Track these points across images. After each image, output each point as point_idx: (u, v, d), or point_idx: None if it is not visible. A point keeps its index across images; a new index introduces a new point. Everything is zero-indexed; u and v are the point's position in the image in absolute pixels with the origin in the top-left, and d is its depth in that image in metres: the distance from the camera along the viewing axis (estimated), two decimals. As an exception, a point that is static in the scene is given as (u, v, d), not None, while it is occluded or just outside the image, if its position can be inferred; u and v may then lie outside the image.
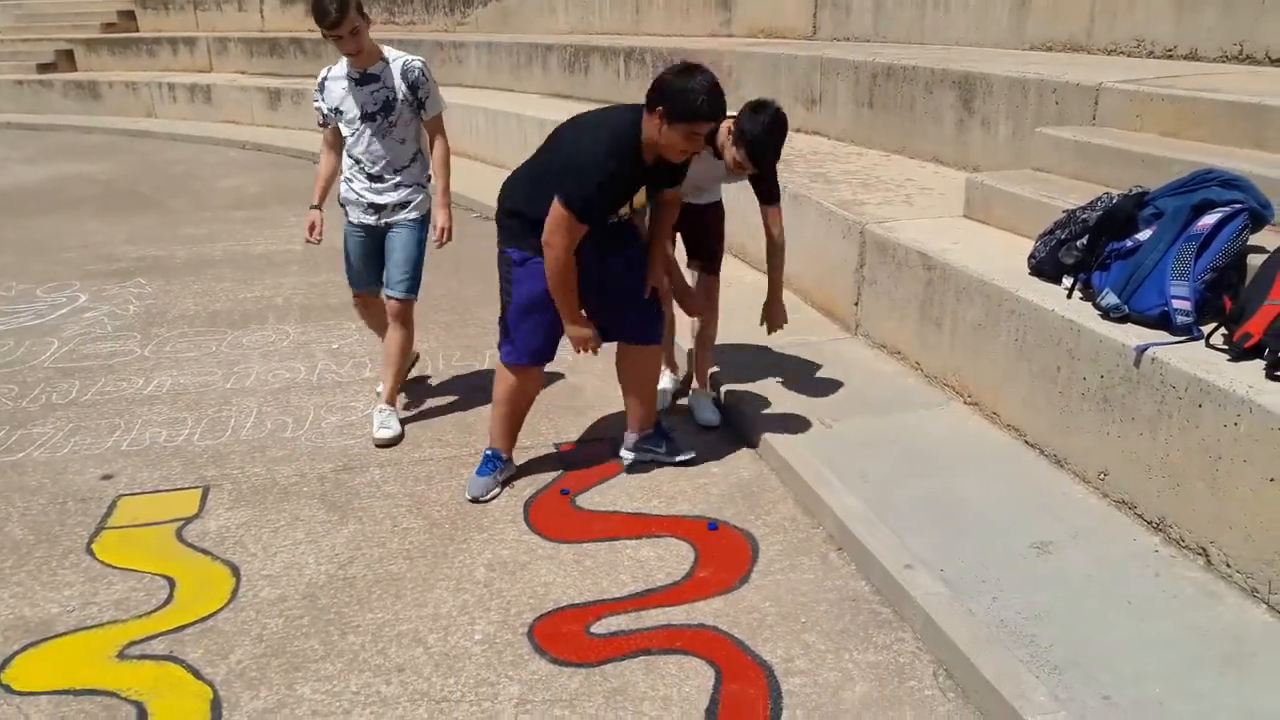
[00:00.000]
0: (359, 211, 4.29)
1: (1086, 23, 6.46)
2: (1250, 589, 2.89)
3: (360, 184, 4.25)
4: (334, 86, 4.19)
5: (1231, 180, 3.52)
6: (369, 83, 4.14)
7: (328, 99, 4.21)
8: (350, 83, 4.14)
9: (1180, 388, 3.05)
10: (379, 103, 4.14)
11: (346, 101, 4.15)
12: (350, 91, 4.15)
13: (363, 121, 4.15)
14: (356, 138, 4.18)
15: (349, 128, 4.19)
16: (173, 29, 16.60)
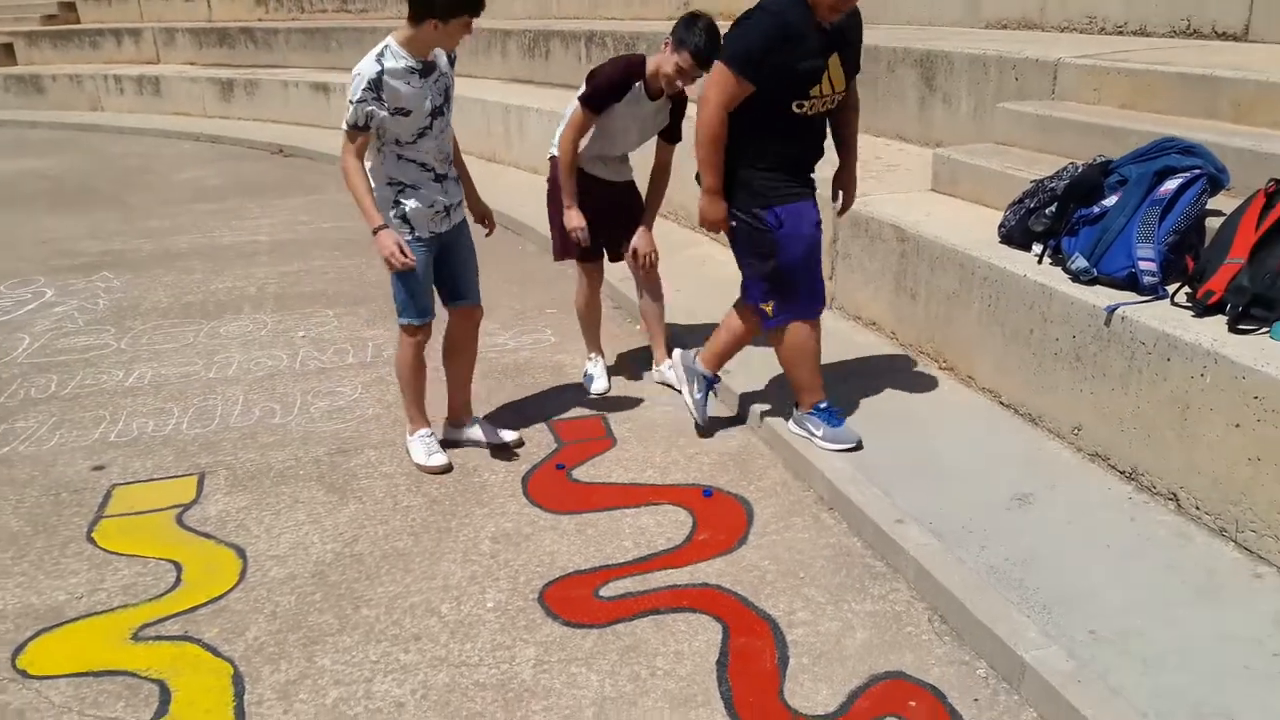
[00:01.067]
0: (434, 222, 3.68)
1: (1040, 1, 6.65)
2: (1219, 528, 3.08)
3: (430, 189, 3.64)
4: (397, 84, 3.43)
5: (1190, 148, 3.70)
6: (431, 73, 3.53)
7: (390, 99, 3.43)
8: (414, 76, 3.48)
9: (1149, 344, 3.23)
10: (443, 93, 3.60)
11: (413, 98, 3.48)
12: (416, 87, 3.48)
13: (430, 117, 3.56)
14: (421, 138, 3.56)
15: (413, 128, 3.52)
16: (115, 20, 16.29)
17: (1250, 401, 2.91)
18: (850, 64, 3.54)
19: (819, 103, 3.50)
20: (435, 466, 3.90)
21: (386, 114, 3.45)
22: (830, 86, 3.48)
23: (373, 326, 5.55)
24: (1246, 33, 5.43)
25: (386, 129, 3.49)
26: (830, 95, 3.51)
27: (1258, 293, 3.12)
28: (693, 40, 3.86)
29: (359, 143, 3.49)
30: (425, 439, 3.97)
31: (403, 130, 3.50)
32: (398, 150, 3.55)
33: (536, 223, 7.16)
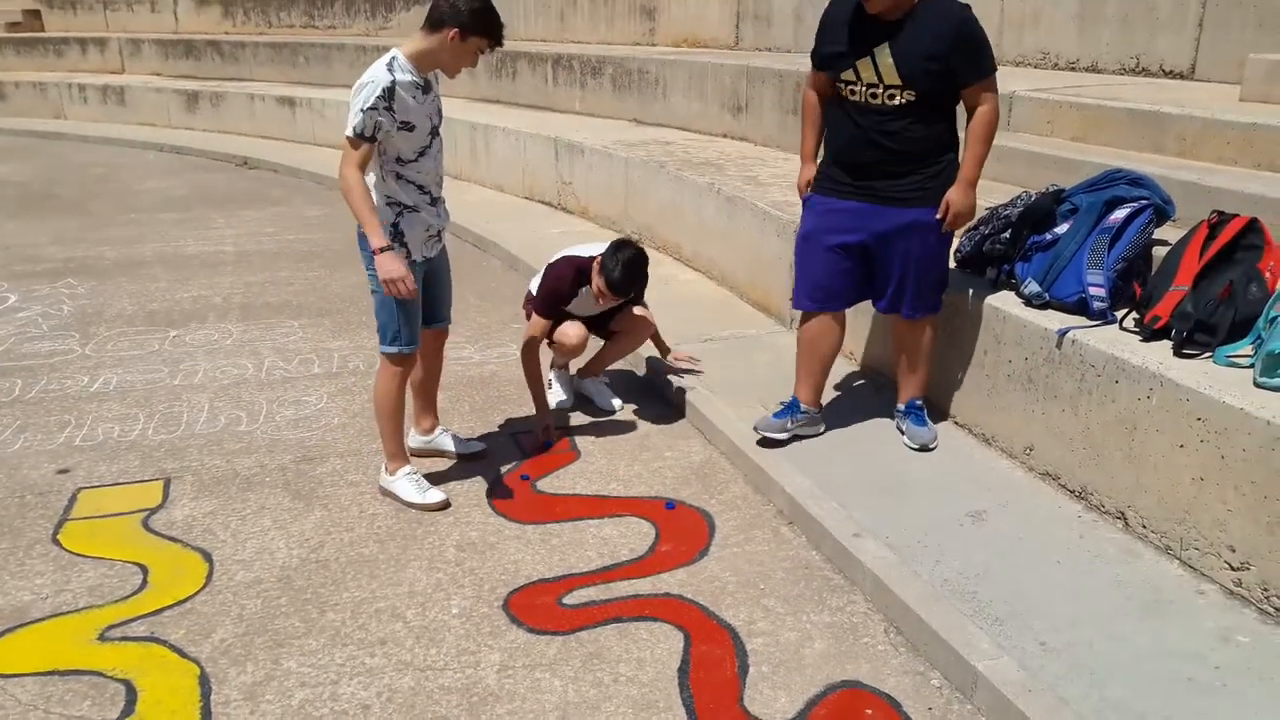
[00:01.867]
0: (426, 245, 3.64)
1: (995, 36, 6.83)
2: (1164, 546, 3.20)
3: (426, 212, 3.59)
4: (405, 96, 3.36)
5: (1138, 179, 3.86)
6: (429, 91, 3.49)
7: (400, 109, 3.35)
8: (418, 91, 3.42)
9: (1098, 366, 3.36)
10: (438, 113, 3.57)
11: (418, 114, 3.42)
12: (420, 102, 3.43)
13: (430, 136, 3.52)
14: (422, 157, 3.50)
15: (413, 145, 3.45)
16: (81, 29, 16.19)
17: (1194, 423, 3.04)
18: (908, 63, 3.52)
19: (858, 90, 3.62)
20: (434, 504, 3.73)
21: (394, 127, 3.36)
22: (876, 76, 3.56)
23: (338, 337, 5.58)
24: (1193, 71, 5.66)
25: (390, 145, 3.41)
26: (873, 86, 3.58)
27: (1201, 319, 3.26)
28: (608, 271, 4.07)
29: (363, 153, 3.34)
30: (413, 477, 3.80)
31: (406, 147, 3.43)
32: (398, 169, 3.47)
33: (501, 239, 7.26)
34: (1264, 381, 2.99)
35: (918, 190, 3.68)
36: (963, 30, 3.52)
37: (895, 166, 3.67)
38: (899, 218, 3.71)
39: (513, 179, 8.88)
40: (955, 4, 3.55)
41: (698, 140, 7.91)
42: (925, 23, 3.50)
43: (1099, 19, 6.13)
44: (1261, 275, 3.34)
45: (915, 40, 3.51)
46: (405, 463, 3.85)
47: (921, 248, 3.77)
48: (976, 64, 3.56)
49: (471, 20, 3.33)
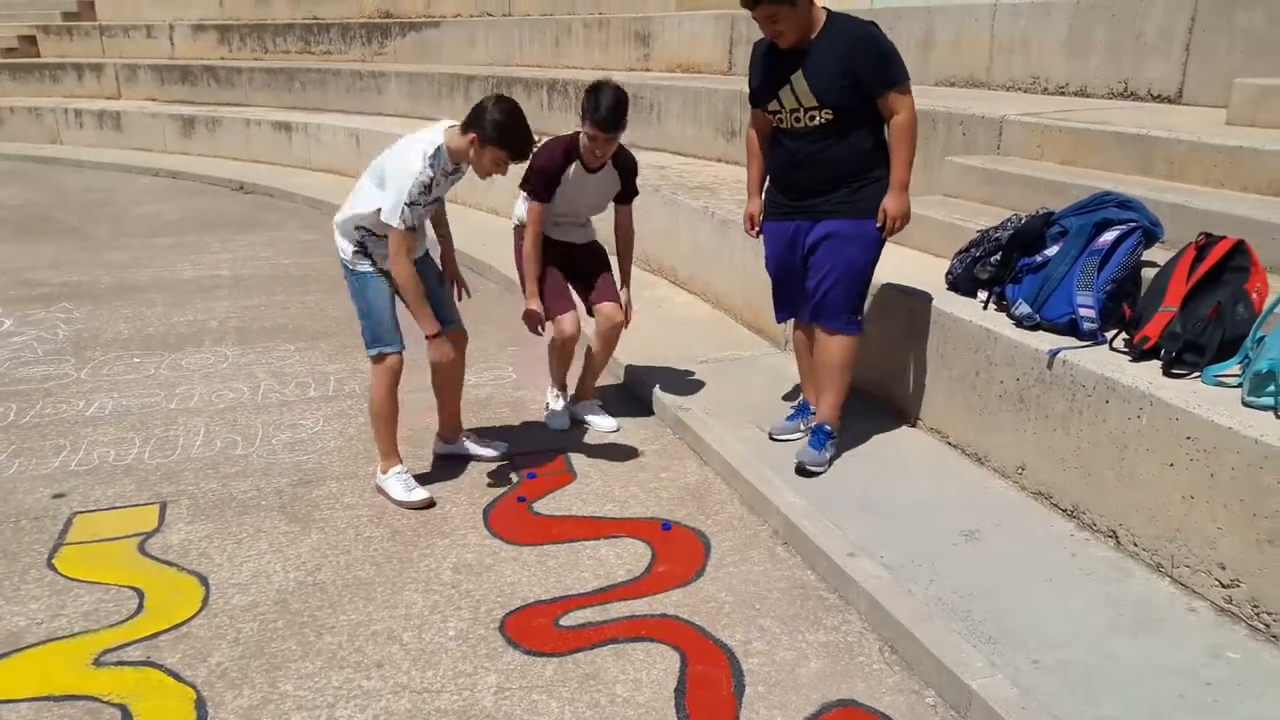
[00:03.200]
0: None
1: (986, 61, 6.94)
2: (1155, 564, 3.22)
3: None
4: (437, 179, 3.68)
5: (1126, 201, 3.91)
6: (456, 171, 3.81)
7: (434, 192, 3.71)
8: (446, 177, 3.76)
9: (1089, 386, 3.39)
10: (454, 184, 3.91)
11: (438, 192, 3.77)
12: (448, 180, 3.79)
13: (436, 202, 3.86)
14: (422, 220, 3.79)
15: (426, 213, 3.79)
16: (77, 55, 16.28)
17: (1183, 442, 3.07)
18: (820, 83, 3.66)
19: (784, 117, 3.79)
20: (418, 502, 3.91)
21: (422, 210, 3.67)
22: (796, 101, 3.73)
23: (334, 361, 5.60)
24: (1180, 95, 5.72)
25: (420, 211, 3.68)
26: (795, 110, 3.76)
27: (1189, 339, 3.30)
28: (591, 110, 4.07)
29: (410, 241, 3.65)
30: (402, 475, 3.99)
31: (420, 213, 3.68)
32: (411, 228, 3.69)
33: (497, 262, 7.29)
34: (1252, 400, 3.03)
35: (841, 203, 3.85)
36: (866, 43, 3.67)
37: (823, 184, 3.85)
38: (823, 229, 3.89)
39: (508, 203, 8.89)
40: (858, 21, 3.74)
41: (692, 164, 7.97)
42: (831, 42, 3.68)
43: (1087, 44, 6.20)
44: (1248, 296, 3.38)
45: (824, 61, 3.69)
46: (396, 462, 4.01)
47: (838, 257, 3.88)
48: (883, 73, 3.68)
49: (492, 132, 3.52)
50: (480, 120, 3.53)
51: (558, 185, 4.28)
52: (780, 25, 3.63)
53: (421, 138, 3.66)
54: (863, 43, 3.67)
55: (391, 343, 3.86)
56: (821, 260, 3.91)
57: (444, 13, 13.41)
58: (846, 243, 3.85)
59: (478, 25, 12.60)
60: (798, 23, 3.64)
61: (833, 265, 3.88)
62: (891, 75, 3.69)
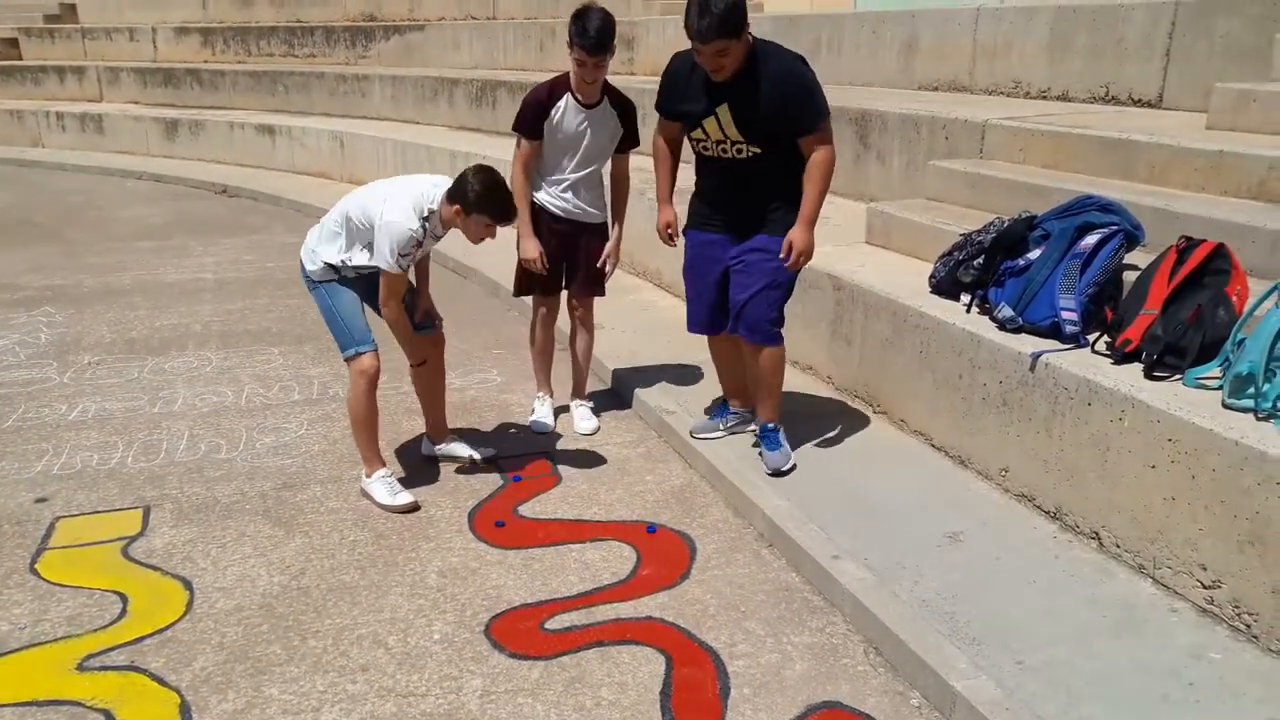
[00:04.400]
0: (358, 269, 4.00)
1: (969, 65, 6.98)
2: (1138, 565, 3.25)
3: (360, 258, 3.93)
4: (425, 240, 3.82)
5: (1108, 205, 3.94)
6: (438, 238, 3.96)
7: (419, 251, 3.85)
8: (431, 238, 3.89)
9: (1071, 389, 3.41)
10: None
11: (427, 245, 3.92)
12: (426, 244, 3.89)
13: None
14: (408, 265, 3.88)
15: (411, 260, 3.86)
16: (59, 58, 16.17)
17: (1165, 444, 3.09)
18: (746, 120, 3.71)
19: (709, 146, 3.85)
20: (402, 506, 3.92)
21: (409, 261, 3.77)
22: (721, 134, 3.78)
23: (317, 364, 5.58)
24: (1161, 100, 5.77)
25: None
26: (721, 142, 3.80)
27: (1170, 342, 3.33)
28: (578, 34, 4.06)
29: (402, 282, 3.81)
30: (386, 479, 3.99)
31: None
32: (363, 244, 3.83)
33: (482, 265, 7.28)
34: (1232, 403, 3.05)
35: (769, 221, 3.91)
36: (793, 83, 3.70)
37: (751, 207, 3.92)
38: (748, 244, 3.93)
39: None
40: (786, 57, 3.75)
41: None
42: (760, 79, 3.67)
43: (1069, 49, 6.25)
44: (1229, 299, 3.41)
45: (752, 97, 3.68)
46: (380, 466, 4.03)
47: (762, 269, 3.90)
48: (808, 114, 3.73)
49: (475, 202, 3.64)
50: (463, 192, 3.64)
51: (545, 119, 4.26)
52: (727, 59, 3.59)
53: (415, 192, 3.73)
54: (794, 86, 3.69)
55: (365, 340, 3.90)
56: (746, 272, 3.93)
57: (428, 16, 13.39)
58: (771, 257, 3.87)
59: (462, 28, 12.59)
60: (741, 55, 3.63)
61: (757, 277, 3.91)
62: (817, 116, 3.75)
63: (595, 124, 4.33)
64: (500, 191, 3.69)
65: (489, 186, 3.66)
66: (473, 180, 3.65)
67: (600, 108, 4.31)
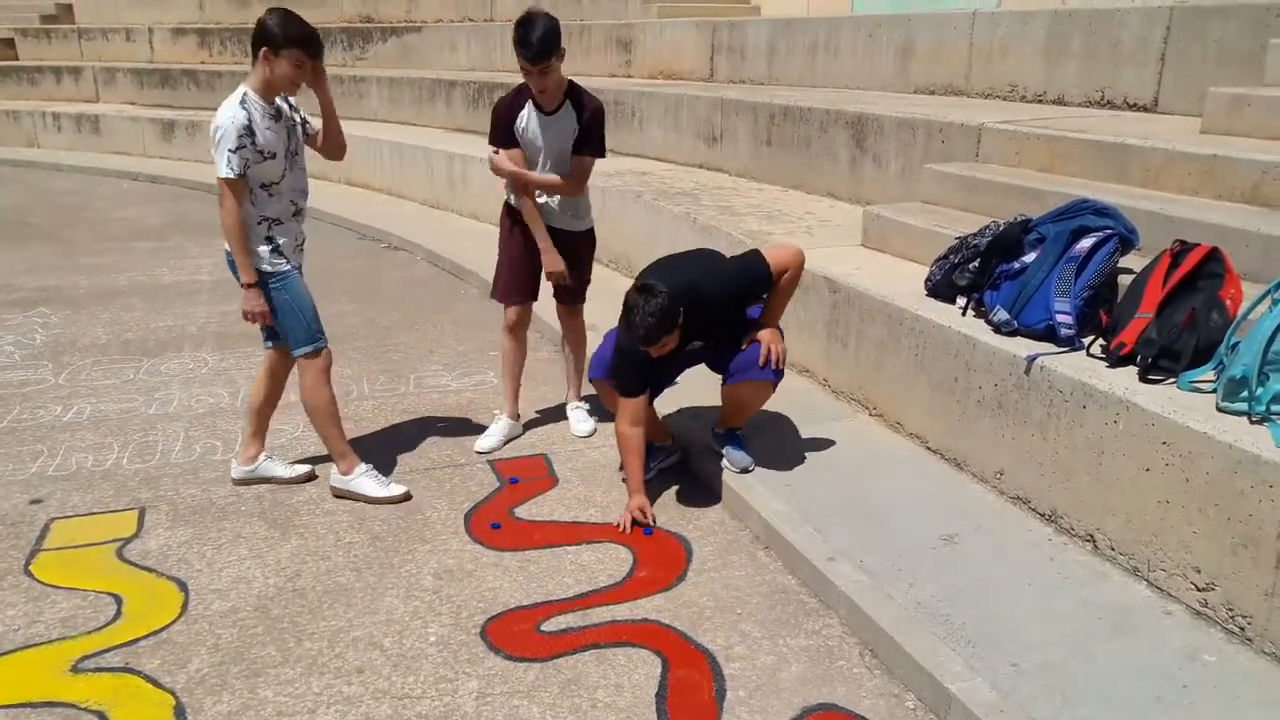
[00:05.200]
0: (296, 254, 3.95)
1: (965, 69, 7.00)
2: (1132, 568, 3.26)
3: (291, 224, 3.89)
4: (261, 127, 3.67)
5: (1103, 209, 3.95)
6: (280, 118, 3.79)
7: (261, 142, 3.66)
8: (271, 120, 3.72)
9: (1066, 392, 3.42)
10: (291, 134, 3.85)
11: (275, 143, 3.74)
12: (275, 131, 3.74)
13: (288, 158, 3.82)
14: (284, 178, 3.81)
15: (275, 171, 3.76)
16: (55, 58, 16.17)
17: (1159, 447, 3.10)
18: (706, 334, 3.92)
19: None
20: (397, 495, 3.96)
21: (258, 160, 3.66)
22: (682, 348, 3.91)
23: (315, 367, 5.57)
24: (1156, 104, 5.79)
25: (255, 174, 3.69)
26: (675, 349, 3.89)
27: (1165, 345, 3.34)
28: (517, 41, 4.02)
29: (241, 192, 3.67)
30: (370, 473, 4.00)
31: (270, 174, 3.73)
32: (266, 191, 3.76)
33: (479, 267, 7.28)
34: (1226, 406, 3.06)
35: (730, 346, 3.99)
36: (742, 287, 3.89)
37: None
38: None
39: (490, 208, 8.86)
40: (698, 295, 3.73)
41: (673, 170, 7.99)
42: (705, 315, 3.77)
43: (1065, 53, 6.27)
44: (1222, 303, 3.42)
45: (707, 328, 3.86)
46: (358, 459, 4.01)
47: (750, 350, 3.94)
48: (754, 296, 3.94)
49: (276, 31, 3.57)
50: (266, 33, 3.57)
51: (512, 125, 4.26)
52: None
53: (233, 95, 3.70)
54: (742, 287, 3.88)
55: (323, 335, 3.93)
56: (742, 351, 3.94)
57: (425, 18, 13.40)
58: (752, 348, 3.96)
59: (459, 30, 12.59)
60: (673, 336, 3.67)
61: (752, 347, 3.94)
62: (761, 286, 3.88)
63: (558, 129, 4.29)
64: (298, 18, 3.63)
65: (288, 17, 3.61)
66: (268, 18, 3.59)
67: (562, 111, 4.27)
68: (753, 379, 3.90)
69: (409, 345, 5.94)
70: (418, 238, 8.37)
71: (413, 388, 5.28)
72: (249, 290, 3.77)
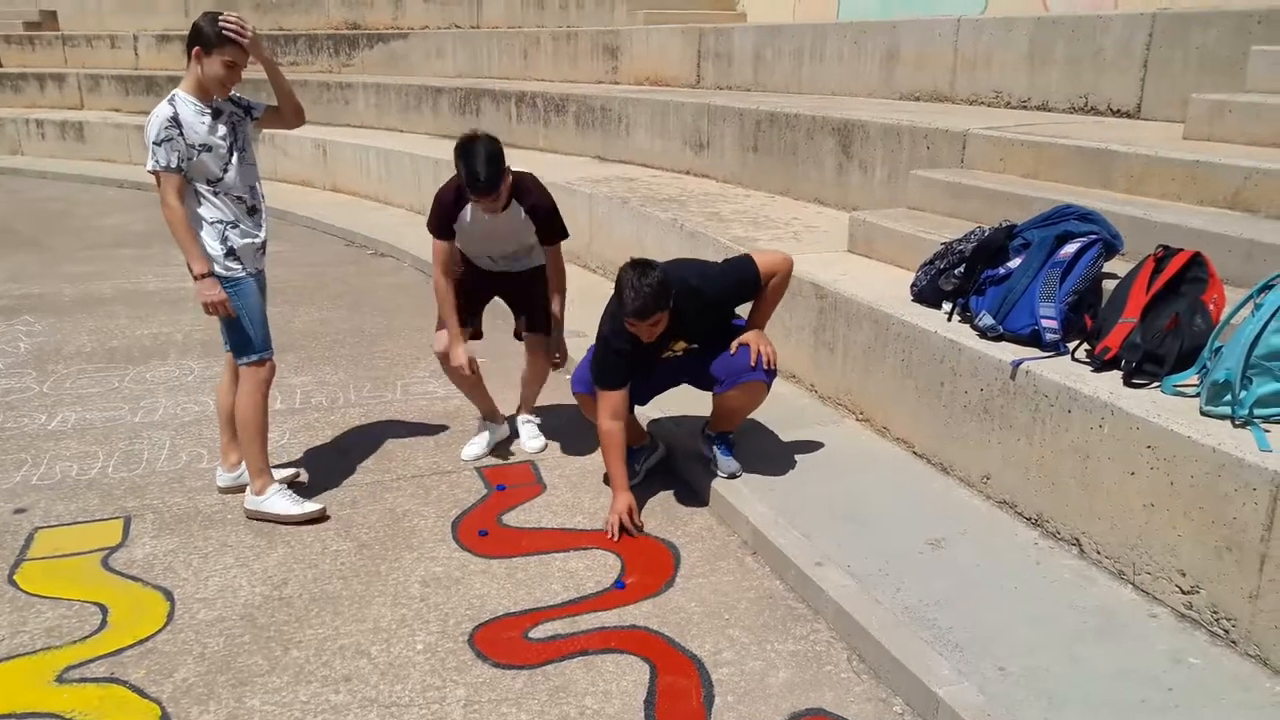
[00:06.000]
0: (255, 258, 3.85)
1: (949, 75, 7.03)
2: (1118, 571, 3.27)
3: (246, 224, 3.78)
4: (193, 122, 3.59)
5: (1087, 214, 3.97)
6: (220, 115, 3.70)
7: (190, 134, 3.56)
8: (206, 117, 3.63)
9: (1052, 397, 3.44)
10: (234, 130, 3.75)
11: (210, 136, 3.63)
12: (210, 127, 3.63)
13: (230, 152, 3.71)
14: (227, 173, 3.70)
15: (217, 165, 3.66)
16: (39, 65, 16.10)
17: (1144, 450, 3.12)
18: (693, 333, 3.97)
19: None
20: (310, 513, 3.86)
21: (192, 152, 3.58)
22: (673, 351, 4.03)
23: (299, 374, 5.56)
24: (1139, 110, 5.84)
25: (195, 169, 3.62)
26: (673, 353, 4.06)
27: (1149, 350, 3.36)
28: (467, 178, 3.87)
29: (175, 182, 3.59)
30: (285, 491, 3.92)
31: (212, 167, 3.65)
32: (213, 189, 3.68)
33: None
34: (1210, 410, 3.08)
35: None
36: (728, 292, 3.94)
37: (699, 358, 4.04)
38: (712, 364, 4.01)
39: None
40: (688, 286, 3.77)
41: (660, 177, 8.00)
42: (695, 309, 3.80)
43: (1048, 60, 6.31)
44: (1206, 307, 3.45)
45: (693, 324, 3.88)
46: (272, 479, 3.95)
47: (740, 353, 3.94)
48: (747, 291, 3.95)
49: (206, 30, 3.55)
50: (199, 33, 3.56)
51: (453, 222, 4.12)
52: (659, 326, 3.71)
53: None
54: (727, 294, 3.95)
55: (269, 346, 3.89)
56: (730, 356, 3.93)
57: (412, 24, 13.40)
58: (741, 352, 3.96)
59: (445, 37, 12.59)
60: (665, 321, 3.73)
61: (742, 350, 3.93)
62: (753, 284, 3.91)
63: (507, 225, 4.15)
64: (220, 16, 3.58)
65: (209, 14, 3.59)
66: (202, 17, 3.58)
67: (508, 211, 4.10)
68: (746, 381, 3.89)
69: (396, 352, 5.92)
70: (404, 244, 8.36)
71: (399, 395, 5.27)
72: (202, 280, 3.68)
